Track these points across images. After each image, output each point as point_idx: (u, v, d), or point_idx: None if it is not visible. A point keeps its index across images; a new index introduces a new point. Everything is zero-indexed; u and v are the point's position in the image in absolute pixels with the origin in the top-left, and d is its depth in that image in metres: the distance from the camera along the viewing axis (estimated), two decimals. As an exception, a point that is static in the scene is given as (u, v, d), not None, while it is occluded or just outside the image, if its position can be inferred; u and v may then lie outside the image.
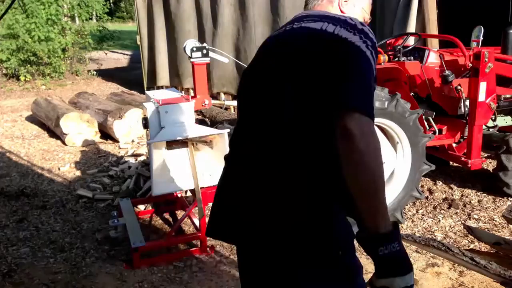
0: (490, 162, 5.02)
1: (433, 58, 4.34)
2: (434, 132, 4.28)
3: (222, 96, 7.99)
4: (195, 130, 3.42)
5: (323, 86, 1.36)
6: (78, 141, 6.41)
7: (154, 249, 3.48)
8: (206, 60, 3.52)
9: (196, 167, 3.48)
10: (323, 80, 1.37)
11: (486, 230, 3.78)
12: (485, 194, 4.39)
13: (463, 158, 4.23)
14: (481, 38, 4.16)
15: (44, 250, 3.67)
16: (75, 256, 3.57)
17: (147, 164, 4.67)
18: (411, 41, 4.62)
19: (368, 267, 3.24)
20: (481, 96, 4.00)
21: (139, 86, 9.70)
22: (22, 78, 11.33)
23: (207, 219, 4.03)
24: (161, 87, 8.98)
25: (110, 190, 4.67)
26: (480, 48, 4.14)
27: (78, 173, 5.39)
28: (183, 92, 7.73)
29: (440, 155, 4.47)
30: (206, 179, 3.45)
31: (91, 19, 13.60)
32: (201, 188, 3.45)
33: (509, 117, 4.53)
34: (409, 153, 3.74)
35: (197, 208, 3.51)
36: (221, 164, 3.39)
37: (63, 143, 6.48)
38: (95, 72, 12.70)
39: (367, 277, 3.11)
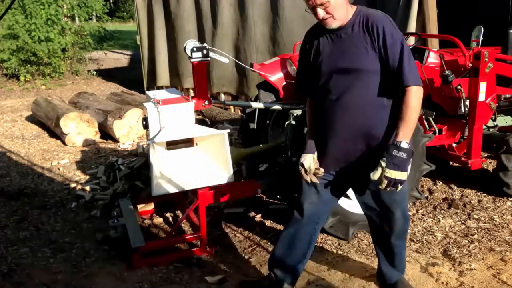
0: (490, 162, 5.02)
1: (433, 58, 4.34)
2: (434, 132, 4.28)
3: (222, 96, 7.99)
4: (195, 130, 3.42)
5: None
6: (78, 141, 6.41)
7: (154, 249, 3.47)
8: (206, 60, 3.52)
9: (196, 167, 3.48)
10: None
11: (486, 230, 3.78)
12: (485, 194, 4.39)
13: (463, 158, 4.23)
14: (481, 38, 4.16)
15: (44, 250, 3.67)
16: (75, 256, 3.56)
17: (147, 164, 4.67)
18: (411, 41, 4.62)
19: (368, 266, 3.24)
20: (481, 96, 4.01)
21: (139, 86, 9.70)
22: (22, 78, 11.34)
23: (207, 219, 3.99)
24: (161, 87, 8.98)
25: (109, 190, 4.67)
26: (480, 48, 4.14)
27: (78, 173, 5.39)
28: (183, 92, 7.74)
29: (440, 155, 4.47)
30: (206, 179, 3.45)
31: (91, 19, 13.59)
32: (201, 188, 3.46)
33: (509, 117, 4.53)
34: (409, 153, 3.73)
35: (197, 208, 3.51)
36: (221, 164, 3.41)
37: (63, 143, 6.49)
38: (95, 72, 12.70)
39: (367, 277, 3.08)
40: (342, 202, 3.65)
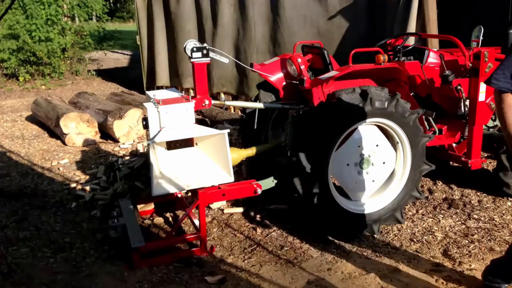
0: (490, 162, 5.02)
1: (433, 58, 4.34)
2: (434, 132, 4.29)
3: (222, 96, 7.99)
4: (195, 130, 3.42)
5: None
6: (78, 141, 6.41)
7: (154, 249, 3.48)
8: (207, 60, 3.52)
9: (196, 167, 3.48)
10: None
11: (486, 230, 3.78)
12: (485, 194, 4.39)
13: (463, 158, 4.23)
14: (481, 38, 4.16)
15: (44, 250, 3.67)
16: (75, 256, 3.57)
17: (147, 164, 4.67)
18: (411, 41, 4.62)
19: (368, 266, 3.24)
20: (481, 96, 4.01)
21: (139, 86, 9.70)
22: (21, 78, 11.34)
23: (207, 219, 4.00)
24: (161, 87, 8.98)
25: (109, 190, 4.67)
26: (480, 48, 4.14)
27: (78, 173, 5.39)
28: (183, 92, 7.74)
29: (440, 155, 4.47)
30: (206, 179, 3.45)
31: (91, 19, 13.57)
32: (201, 188, 3.46)
33: (509, 117, 4.52)
34: (409, 153, 3.74)
35: (197, 208, 3.51)
36: (221, 164, 3.40)
37: (63, 143, 6.49)
38: (95, 72, 12.70)
39: (368, 277, 3.08)
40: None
